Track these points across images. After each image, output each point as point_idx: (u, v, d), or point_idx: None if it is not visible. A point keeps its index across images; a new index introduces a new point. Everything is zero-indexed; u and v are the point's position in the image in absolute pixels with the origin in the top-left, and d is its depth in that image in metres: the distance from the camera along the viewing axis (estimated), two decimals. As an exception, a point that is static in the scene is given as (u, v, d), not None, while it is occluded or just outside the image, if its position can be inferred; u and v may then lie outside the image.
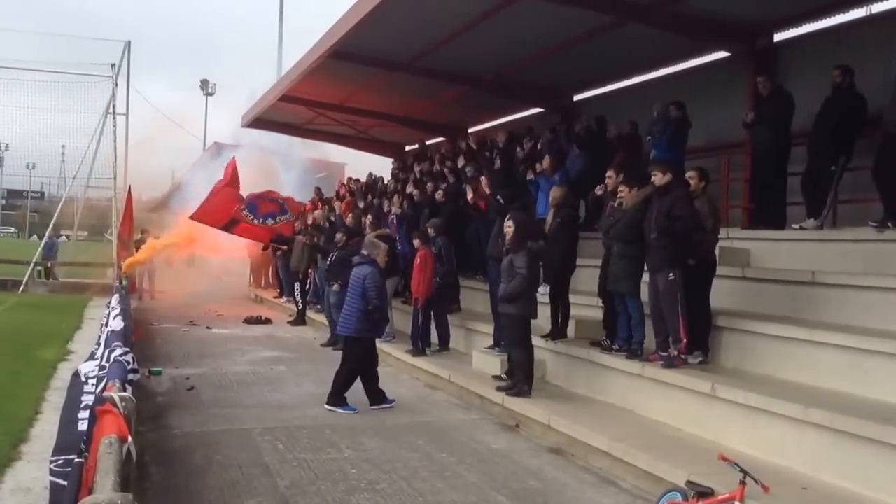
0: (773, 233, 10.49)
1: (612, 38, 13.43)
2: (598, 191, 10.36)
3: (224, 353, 14.32)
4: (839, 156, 9.88)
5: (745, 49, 12.66)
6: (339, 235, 15.50)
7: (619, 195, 9.53)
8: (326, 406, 9.95)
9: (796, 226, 10.22)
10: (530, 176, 13.34)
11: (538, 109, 18.43)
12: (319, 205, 20.79)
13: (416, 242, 12.97)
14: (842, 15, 11.60)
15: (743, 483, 5.80)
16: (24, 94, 28.00)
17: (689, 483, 6.20)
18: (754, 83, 11.29)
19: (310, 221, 18.99)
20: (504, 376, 10.30)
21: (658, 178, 8.75)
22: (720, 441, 7.48)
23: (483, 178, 12.89)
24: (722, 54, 13.37)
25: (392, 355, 13.50)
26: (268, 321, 19.20)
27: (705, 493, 6.00)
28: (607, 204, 9.90)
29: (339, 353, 14.42)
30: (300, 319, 18.87)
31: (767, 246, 10.42)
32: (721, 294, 9.37)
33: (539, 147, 14.83)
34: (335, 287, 14.99)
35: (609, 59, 14.63)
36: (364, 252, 10.49)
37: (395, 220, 15.90)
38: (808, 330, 7.99)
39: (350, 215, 17.31)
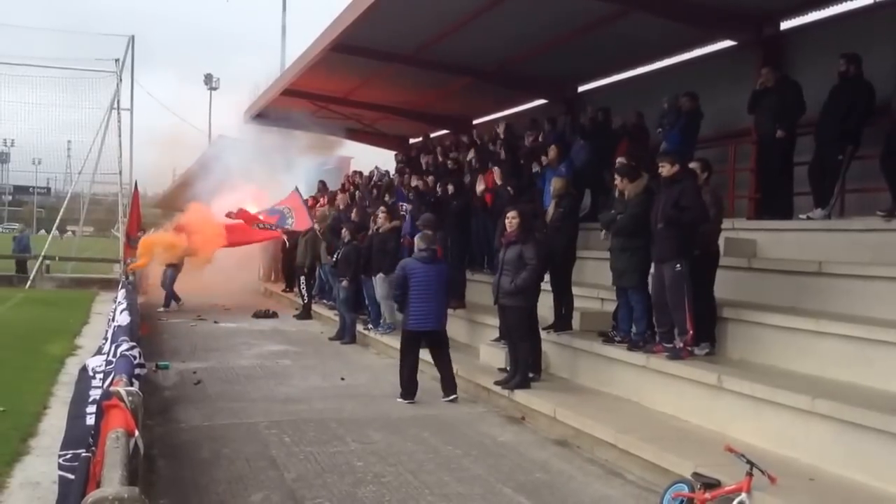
0: (779, 223, 10.45)
1: (617, 28, 13.36)
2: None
3: (231, 347, 14.34)
4: (846, 145, 9.83)
5: (752, 38, 12.58)
6: (344, 231, 15.50)
7: (617, 187, 9.52)
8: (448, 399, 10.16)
9: (803, 216, 10.17)
10: (536, 168, 13.29)
11: (542, 101, 18.35)
12: (323, 200, 20.75)
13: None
14: (849, 2, 11.50)
15: (750, 474, 5.81)
16: (30, 89, 28.08)
17: (696, 474, 6.20)
18: (759, 72, 11.23)
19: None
20: (508, 369, 10.28)
21: (665, 170, 8.72)
22: (726, 432, 7.47)
23: (496, 169, 12.92)
24: (728, 43, 13.27)
25: (393, 346, 13.48)
26: (275, 315, 19.23)
27: (712, 484, 6.01)
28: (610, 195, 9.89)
29: (346, 347, 14.66)
30: (305, 313, 18.90)
31: (774, 236, 10.38)
32: (727, 285, 9.34)
33: (543, 139, 14.79)
34: (343, 283, 15.01)
35: (614, 50, 14.56)
36: (424, 246, 10.37)
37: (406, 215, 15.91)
38: (814, 320, 7.97)
39: (355, 210, 17.26)
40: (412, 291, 10.12)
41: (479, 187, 13.72)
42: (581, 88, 17.51)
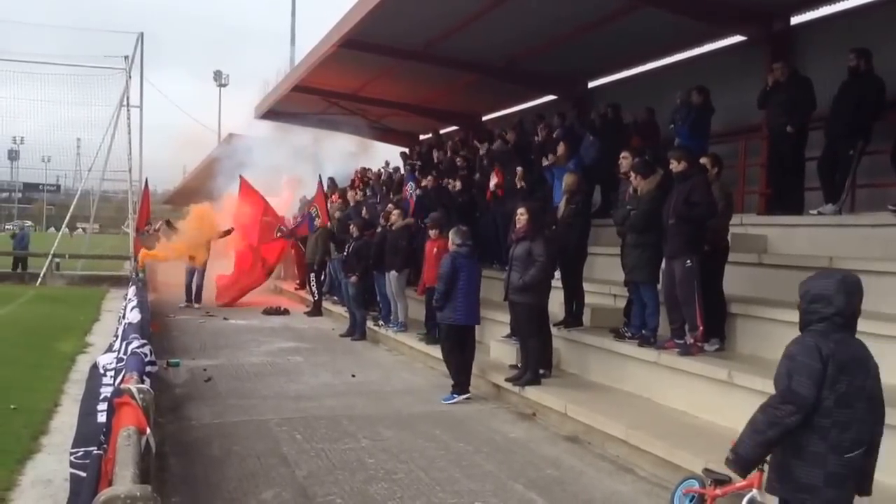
0: (790, 218, 10.43)
1: (627, 24, 13.32)
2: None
3: (241, 344, 14.38)
4: (857, 140, 9.79)
5: (762, 33, 12.56)
6: (353, 227, 15.52)
7: (631, 183, 9.50)
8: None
9: (814, 211, 10.14)
10: (545, 164, 13.27)
11: (552, 97, 18.33)
12: (335, 196, 20.77)
13: (431, 233, 12.95)
14: (858, -3, 11.49)
15: (760, 470, 5.78)
16: (39, 87, 28.19)
17: (707, 471, 6.19)
18: (770, 67, 11.19)
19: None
20: (519, 365, 10.28)
21: (674, 166, 8.72)
22: (737, 428, 7.32)
23: (519, 169, 12.92)
24: (738, 38, 13.26)
25: (405, 343, 13.54)
26: (286, 312, 19.26)
27: (723, 480, 6.00)
28: (623, 191, 9.86)
29: (357, 343, 14.67)
30: (316, 310, 18.94)
31: (784, 232, 10.36)
32: (738, 281, 9.33)
33: (552, 136, 14.77)
34: (353, 279, 15.03)
35: (624, 45, 14.52)
36: (461, 241, 10.30)
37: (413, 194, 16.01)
38: (825, 316, 7.92)
39: (365, 207, 17.28)
40: (460, 286, 10.04)
41: (494, 181, 13.65)
42: (591, 84, 17.48)
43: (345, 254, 15.74)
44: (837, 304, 4.18)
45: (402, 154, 22.03)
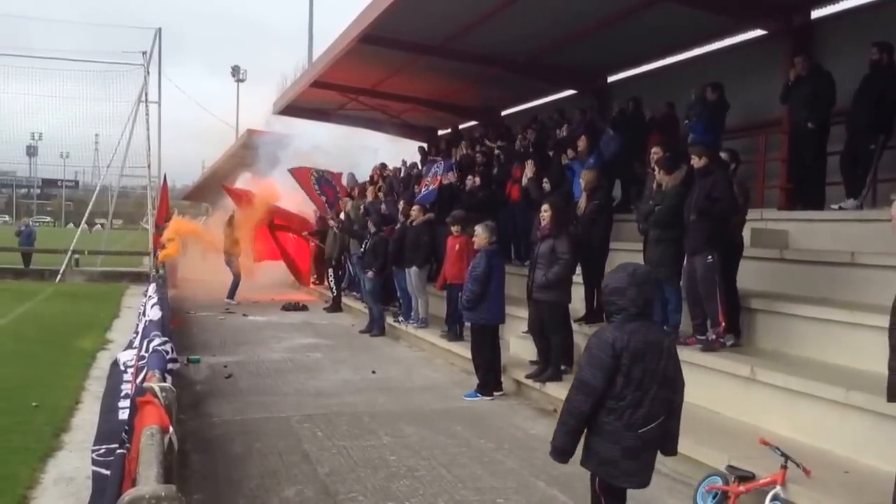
0: (811, 213, 10.35)
1: (648, 18, 13.21)
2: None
3: (261, 341, 14.42)
4: (879, 134, 9.72)
5: (782, 27, 12.44)
6: (370, 223, 15.53)
7: (656, 178, 9.45)
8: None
9: (835, 206, 10.07)
10: (566, 161, 13.22)
11: (572, 91, 18.25)
12: (356, 192, 20.80)
13: (454, 229, 12.94)
14: (881, -10, 11.36)
15: (784, 467, 5.78)
16: (57, 83, 28.37)
17: (730, 467, 6.18)
18: (791, 61, 11.10)
19: (346, 209, 18.87)
20: (539, 361, 10.26)
21: (695, 162, 8.66)
22: (760, 425, 7.42)
23: (528, 162, 12.88)
24: (758, 32, 13.15)
25: (426, 339, 13.54)
26: (304, 308, 19.31)
27: (746, 477, 5.99)
28: (646, 187, 9.80)
29: (377, 340, 14.69)
30: (336, 306, 18.96)
31: (805, 227, 10.28)
32: (759, 276, 9.28)
33: (570, 130, 14.72)
34: (370, 274, 15.05)
35: (644, 39, 14.42)
36: (495, 238, 10.34)
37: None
38: (848, 312, 7.88)
39: (384, 203, 17.29)
40: (494, 284, 10.06)
41: (528, 174, 13.48)
42: (611, 79, 17.37)
43: (362, 249, 15.76)
44: (630, 295, 4.62)
45: (421, 149, 22.02)
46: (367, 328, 15.45)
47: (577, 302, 10.57)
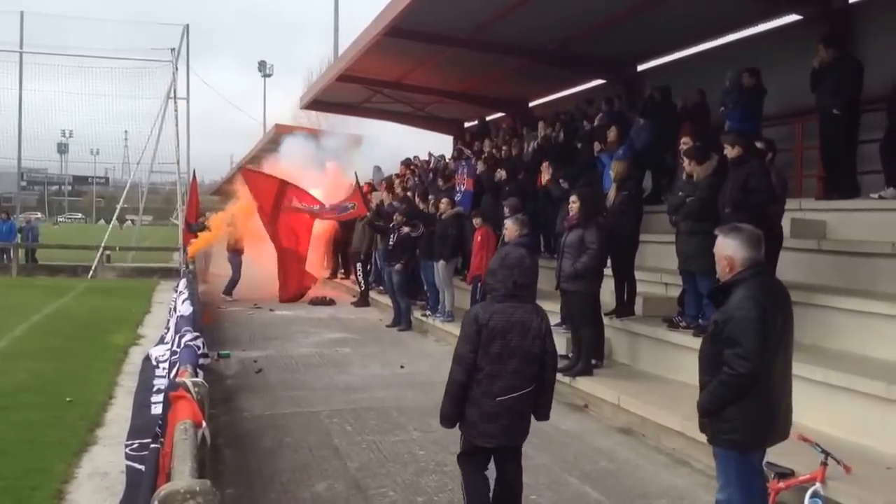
0: (849, 203, 10.11)
1: (678, 4, 12.99)
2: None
3: (289, 336, 14.42)
4: (919, 122, 9.50)
5: (818, 11, 12.19)
6: (397, 217, 15.48)
7: (686, 169, 9.29)
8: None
9: (875, 195, 9.85)
10: (596, 151, 13.06)
11: (601, 81, 18.06)
12: (383, 185, 20.70)
13: (476, 221, 12.82)
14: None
15: (824, 464, 5.64)
16: (86, 80, 28.63)
17: (769, 464, 6.02)
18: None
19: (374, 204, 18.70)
20: (570, 355, 10.14)
21: (728, 152, 8.48)
22: (799, 420, 7.17)
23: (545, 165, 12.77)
24: (793, 17, 12.90)
25: (453, 333, 13.41)
26: (332, 302, 19.28)
27: (785, 474, 5.85)
28: (677, 177, 9.65)
29: (404, 334, 14.66)
30: (363, 300, 18.92)
31: (844, 216, 10.06)
32: (797, 268, 9.09)
33: (599, 120, 14.56)
34: (397, 267, 15.01)
35: (674, 26, 14.16)
36: (527, 231, 10.18)
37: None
38: (889, 304, 7.71)
39: (408, 196, 17.21)
40: None
41: (546, 176, 13.34)
42: (641, 67, 17.12)
43: (390, 244, 15.71)
44: (500, 277, 5.17)
45: (458, 148, 21.55)
46: (394, 322, 15.41)
47: (607, 295, 10.44)
